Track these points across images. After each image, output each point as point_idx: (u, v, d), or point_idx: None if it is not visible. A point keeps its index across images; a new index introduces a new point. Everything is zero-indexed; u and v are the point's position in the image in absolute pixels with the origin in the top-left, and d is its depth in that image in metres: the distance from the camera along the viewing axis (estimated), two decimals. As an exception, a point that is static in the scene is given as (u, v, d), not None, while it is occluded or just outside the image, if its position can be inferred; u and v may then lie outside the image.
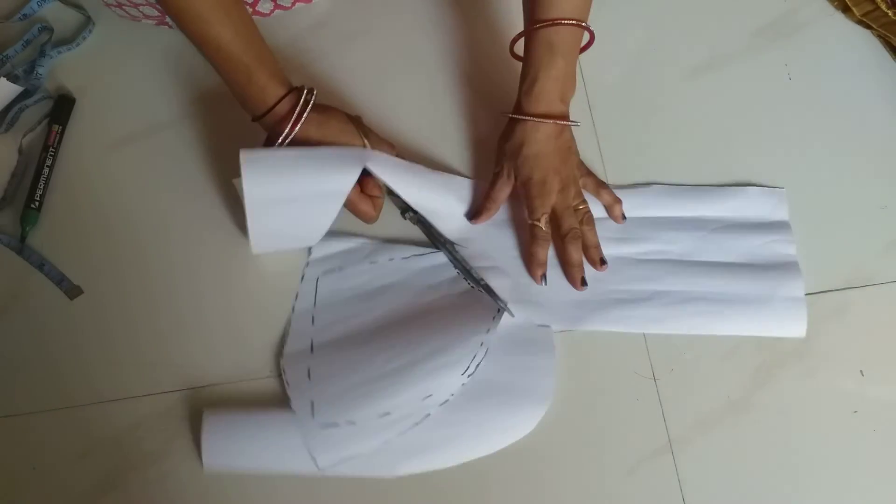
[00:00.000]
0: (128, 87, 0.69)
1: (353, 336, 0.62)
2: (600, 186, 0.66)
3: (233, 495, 0.60)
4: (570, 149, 0.63)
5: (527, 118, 0.61)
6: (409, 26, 0.72)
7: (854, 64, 0.72)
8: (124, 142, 0.68)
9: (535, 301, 0.64)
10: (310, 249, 0.64)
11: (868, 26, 0.72)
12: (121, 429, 0.61)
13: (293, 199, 0.58)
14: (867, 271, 0.66)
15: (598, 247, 0.64)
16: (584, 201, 0.65)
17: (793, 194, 0.68)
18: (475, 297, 0.63)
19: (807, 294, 0.64)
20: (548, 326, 0.63)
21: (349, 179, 0.58)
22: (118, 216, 0.66)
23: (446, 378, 0.60)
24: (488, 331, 0.61)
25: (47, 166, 0.66)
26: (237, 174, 0.56)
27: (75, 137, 0.68)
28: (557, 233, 0.64)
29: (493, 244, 0.66)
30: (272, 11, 0.70)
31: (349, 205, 0.61)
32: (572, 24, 0.58)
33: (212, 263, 0.65)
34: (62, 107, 0.68)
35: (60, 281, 0.64)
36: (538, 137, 0.61)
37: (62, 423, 0.61)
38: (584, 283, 0.63)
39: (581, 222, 0.64)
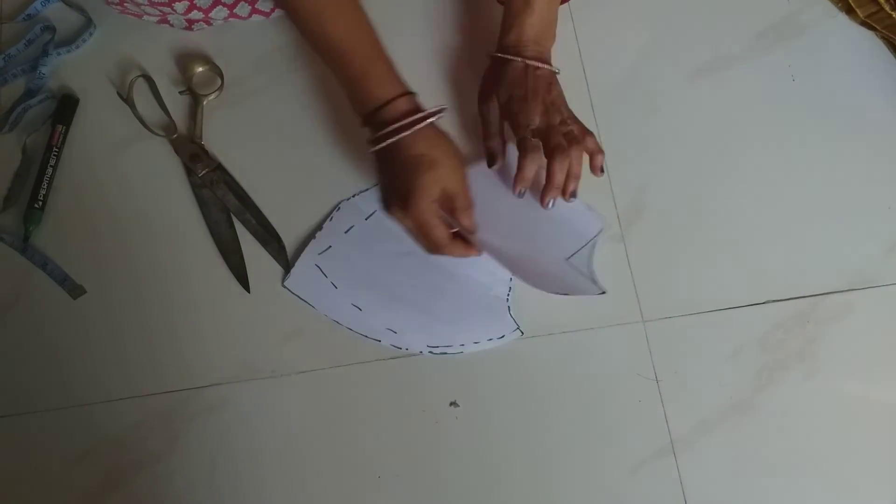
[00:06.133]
0: (131, 86, 0.69)
1: (383, 254, 0.66)
2: (586, 132, 0.62)
3: (235, 494, 0.60)
4: (551, 84, 0.62)
5: (504, 56, 0.62)
6: (413, 27, 0.72)
7: (858, 65, 0.72)
8: (128, 142, 0.68)
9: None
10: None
11: (872, 28, 0.72)
12: (124, 428, 0.61)
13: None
14: (871, 273, 0.66)
15: (578, 178, 0.61)
16: (574, 124, 0.62)
17: (797, 195, 0.68)
18: (496, 305, 0.65)
19: (811, 296, 0.64)
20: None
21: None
22: (121, 216, 0.66)
23: (412, 336, 0.64)
24: (476, 343, 0.64)
25: (51, 166, 0.66)
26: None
27: (79, 137, 0.68)
28: (546, 148, 0.60)
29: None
30: (273, 10, 0.70)
31: None
32: None
33: (215, 264, 0.65)
34: (66, 107, 0.68)
35: (63, 280, 0.64)
36: (512, 72, 0.62)
37: (65, 422, 0.62)
38: (549, 204, 0.62)
39: (569, 144, 0.61)
